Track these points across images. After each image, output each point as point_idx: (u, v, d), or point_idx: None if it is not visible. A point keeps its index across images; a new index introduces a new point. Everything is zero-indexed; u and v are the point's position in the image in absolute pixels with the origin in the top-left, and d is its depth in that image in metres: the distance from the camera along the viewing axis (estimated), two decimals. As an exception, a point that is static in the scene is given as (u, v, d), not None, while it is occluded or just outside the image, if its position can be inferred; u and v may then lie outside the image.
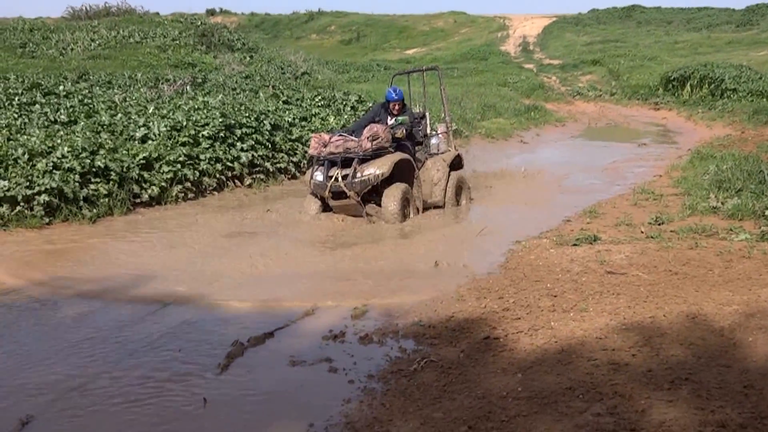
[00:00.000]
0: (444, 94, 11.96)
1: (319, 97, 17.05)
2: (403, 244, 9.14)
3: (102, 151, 10.29)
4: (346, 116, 16.11)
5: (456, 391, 4.66)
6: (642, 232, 8.43)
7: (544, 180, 13.76)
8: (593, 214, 9.78)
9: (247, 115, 13.31)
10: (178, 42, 28.82)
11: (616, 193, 11.74)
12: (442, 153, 11.16)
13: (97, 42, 27.40)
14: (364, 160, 9.70)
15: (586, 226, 9.04)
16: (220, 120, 12.49)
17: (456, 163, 11.18)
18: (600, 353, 4.96)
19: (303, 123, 14.80)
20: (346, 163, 9.75)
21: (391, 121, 10.42)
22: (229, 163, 12.19)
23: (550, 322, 5.66)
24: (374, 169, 9.60)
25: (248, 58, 28.23)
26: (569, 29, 55.36)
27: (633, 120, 25.16)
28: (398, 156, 9.87)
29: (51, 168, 9.49)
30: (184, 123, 12.08)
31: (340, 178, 9.63)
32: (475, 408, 4.37)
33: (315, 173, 9.97)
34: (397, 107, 10.49)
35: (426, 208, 10.51)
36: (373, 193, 9.84)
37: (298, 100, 16.40)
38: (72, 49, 26.12)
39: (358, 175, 9.60)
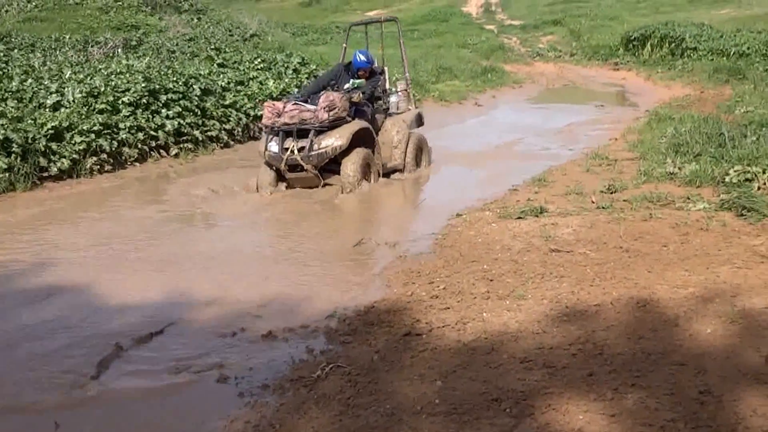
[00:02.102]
0: (403, 49, 11.26)
1: (259, 60, 16.11)
2: (329, 221, 8.37)
3: (2, 121, 9.35)
4: (287, 80, 15.20)
5: (362, 405, 3.89)
6: (593, 202, 7.69)
7: (494, 144, 13.00)
8: (542, 182, 9.02)
9: (174, 79, 12.37)
10: (121, 3, 27.74)
11: (569, 158, 10.99)
12: (402, 112, 10.66)
13: (33, 3, 26.16)
14: (321, 131, 9.10)
15: (534, 196, 8.29)
16: (143, 85, 11.55)
17: (416, 123, 10.73)
18: (535, 353, 4.23)
19: (239, 87, 13.92)
20: (301, 133, 9.15)
21: (347, 85, 9.80)
22: (152, 132, 11.25)
23: (483, 312, 4.92)
24: (332, 140, 9.04)
25: (195, 20, 27.18)
26: (532, -11, 54.49)
27: (592, 81, 24.64)
28: (356, 125, 9.30)
29: (-66, 142, 8.56)
30: (103, 88, 11.14)
31: (296, 151, 9.03)
32: (380, 428, 3.63)
33: (269, 144, 9.30)
34: (365, 74, 9.96)
35: (386, 174, 9.95)
36: (332, 162, 9.26)
37: (235, 62, 15.50)
38: (6, 11, 24.82)
39: (315, 147, 9.04)
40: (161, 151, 11.47)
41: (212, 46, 19.60)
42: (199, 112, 12.33)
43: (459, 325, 4.76)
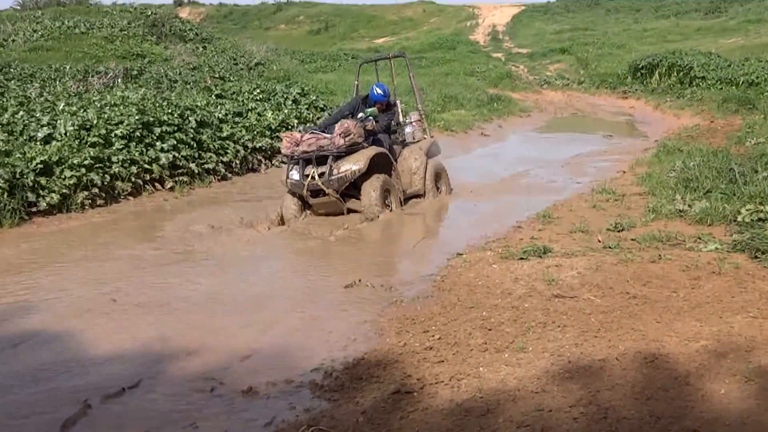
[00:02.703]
0: (414, 82, 11.66)
1: (258, 90, 15.84)
2: (324, 260, 8.05)
3: (-12, 155, 9.06)
4: (286, 111, 14.92)
5: (342, 476, 3.55)
6: (599, 241, 7.33)
7: (500, 176, 12.69)
8: (547, 218, 8.67)
9: (169, 111, 12.11)
10: (126, 32, 27.71)
11: (576, 191, 10.67)
12: (418, 141, 10.96)
13: (39, 33, 26.09)
14: (339, 157, 9.46)
15: (538, 234, 7.93)
16: (137, 117, 11.30)
17: (433, 151, 10.99)
18: (534, 416, 3.88)
19: (237, 119, 13.67)
20: (320, 160, 9.49)
21: (360, 114, 10.05)
22: (146, 165, 10.99)
23: (479, 366, 4.58)
24: (350, 165, 9.39)
25: (201, 49, 27.07)
26: (538, 18, 54.63)
27: (600, 109, 24.42)
28: (373, 150, 9.65)
29: None
30: (95, 121, 10.88)
31: (317, 177, 9.36)
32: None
33: (291, 172, 9.68)
34: (381, 107, 10.23)
35: (406, 199, 10.22)
36: (352, 188, 9.60)
37: (234, 93, 15.20)
38: (13, 41, 24.75)
39: (335, 172, 9.38)
40: (156, 184, 11.20)
41: (216, 75, 19.42)
42: (195, 145, 12.07)
43: (453, 382, 4.43)
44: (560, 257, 6.77)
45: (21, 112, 11.22)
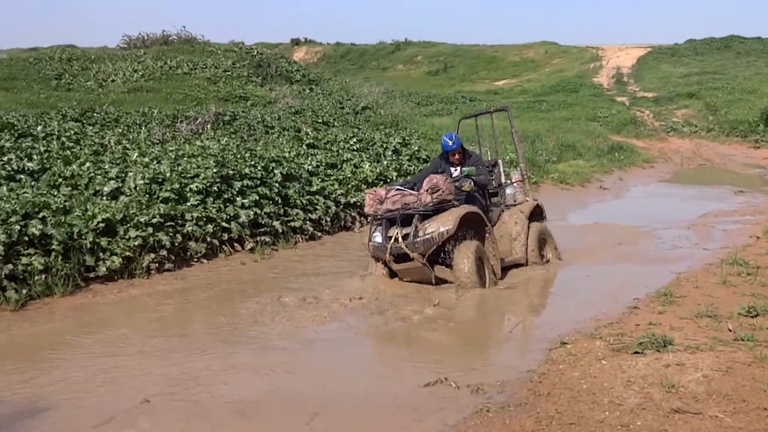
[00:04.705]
0: (516, 138, 10.76)
1: (354, 139, 14.97)
2: (403, 347, 6.88)
3: (44, 213, 8.35)
4: (385, 162, 14.05)
5: None
6: (729, 330, 6.07)
7: (616, 240, 11.36)
8: (668, 297, 7.38)
9: (252, 163, 11.27)
10: (230, 73, 27.61)
11: (703, 261, 9.32)
12: (519, 204, 10.08)
13: (140, 73, 26.16)
14: (425, 217, 8.53)
15: (657, 318, 6.68)
16: (215, 170, 10.49)
17: (536, 214, 10.04)
18: None
19: (329, 171, 12.83)
20: (407, 221, 8.58)
21: (455, 173, 9.27)
22: (224, 223, 10.05)
23: None
24: (437, 226, 8.37)
25: (307, 91, 26.62)
26: (665, 60, 52.48)
27: (730, 160, 22.86)
28: (464, 209, 8.62)
29: (-38, 239, 7.57)
30: (168, 174, 10.14)
31: (400, 239, 8.46)
32: None
33: (373, 234, 8.82)
34: (456, 157, 9.40)
35: (505, 268, 9.21)
36: (440, 254, 8.58)
37: (327, 143, 14.37)
38: (112, 81, 24.83)
39: (420, 233, 8.41)
40: (234, 244, 10.25)
41: (318, 119, 18.74)
42: (280, 201, 11.14)
43: None
44: (683, 352, 5.59)
45: (88, 164, 10.58)
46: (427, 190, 8.45)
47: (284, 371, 6.06)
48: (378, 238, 8.69)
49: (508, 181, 10.24)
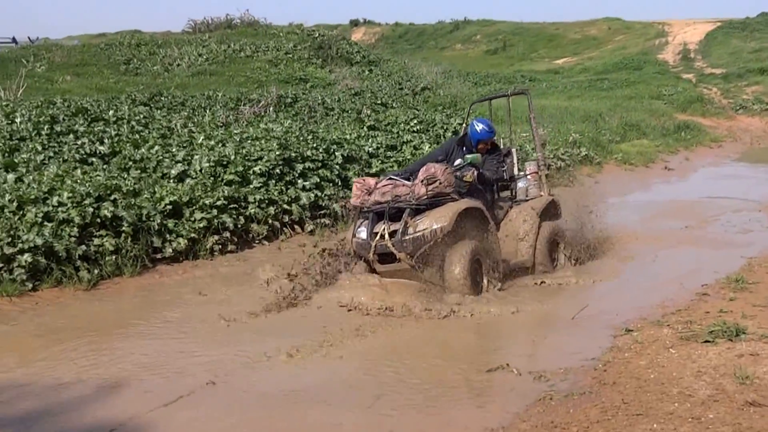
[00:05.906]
0: (533, 125, 9.45)
1: (415, 121, 14.96)
2: (449, 333, 6.73)
3: (115, 196, 8.58)
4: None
5: None
6: (806, 318, 5.93)
7: (682, 223, 11.14)
8: (740, 283, 7.21)
9: (314, 145, 11.38)
10: (291, 56, 27.77)
11: (777, 246, 9.12)
12: (532, 199, 8.83)
13: (204, 57, 26.48)
14: (419, 212, 7.45)
15: (728, 305, 6.54)
16: (278, 153, 10.60)
17: (550, 212, 8.80)
18: None
19: (389, 153, 12.84)
20: (397, 215, 7.50)
21: (458, 161, 8.16)
22: (285, 206, 10.17)
23: None
24: (431, 222, 7.31)
25: (367, 72, 26.68)
26: (735, 35, 50.82)
27: (803, 138, 22.16)
28: (464, 204, 7.53)
29: (41, 219, 7.84)
30: (232, 157, 10.28)
31: (386, 236, 7.35)
32: None
33: (358, 229, 7.75)
34: (484, 147, 8.29)
35: (510, 271, 8.11)
36: (432, 254, 7.45)
37: (388, 125, 14.41)
38: (178, 65, 25.23)
39: (410, 230, 7.34)
40: (294, 226, 10.35)
41: (377, 101, 18.78)
42: (340, 183, 11.24)
43: None
44: (757, 341, 5.46)
45: (156, 147, 10.81)
46: (422, 181, 7.41)
47: (343, 356, 6.09)
48: (363, 233, 7.64)
49: (521, 173, 9.09)
